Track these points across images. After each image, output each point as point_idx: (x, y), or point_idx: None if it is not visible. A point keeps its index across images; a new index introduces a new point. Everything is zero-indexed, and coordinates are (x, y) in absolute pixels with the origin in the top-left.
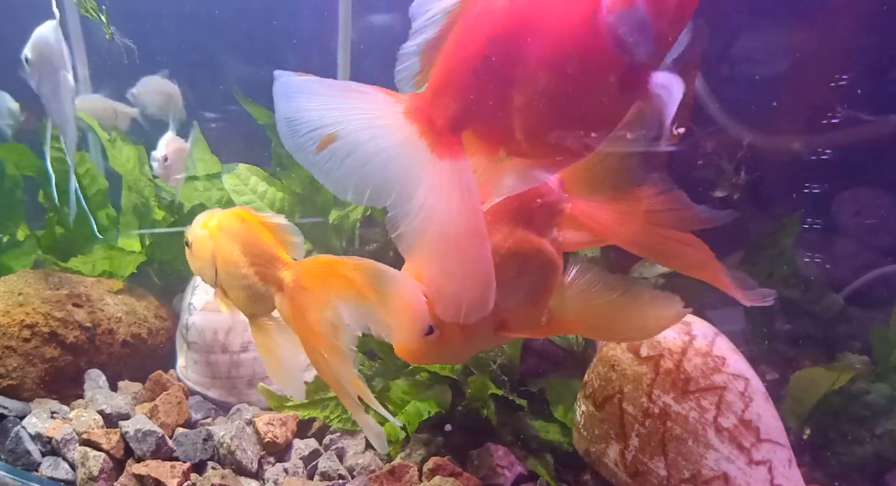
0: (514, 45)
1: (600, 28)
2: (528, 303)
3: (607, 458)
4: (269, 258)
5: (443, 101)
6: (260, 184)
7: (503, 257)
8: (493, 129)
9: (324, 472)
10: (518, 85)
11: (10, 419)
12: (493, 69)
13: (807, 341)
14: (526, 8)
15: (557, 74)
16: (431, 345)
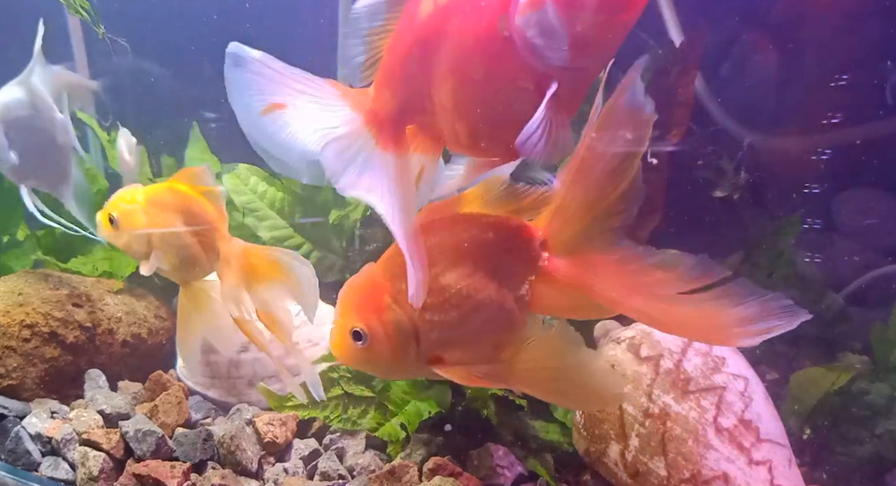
0: (435, 44)
1: (509, 31)
2: (469, 349)
3: (607, 458)
4: (209, 227)
5: (384, 95)
6: (260, 184)
7: (452, 296)
8: (429, 125)
9: (324, 472)
10: (440, 84)
11: (10, 418)
12: (419, 67)
13: (807, 341)
14: (445, 9)
15: (470, 75)
16: (360, 352)
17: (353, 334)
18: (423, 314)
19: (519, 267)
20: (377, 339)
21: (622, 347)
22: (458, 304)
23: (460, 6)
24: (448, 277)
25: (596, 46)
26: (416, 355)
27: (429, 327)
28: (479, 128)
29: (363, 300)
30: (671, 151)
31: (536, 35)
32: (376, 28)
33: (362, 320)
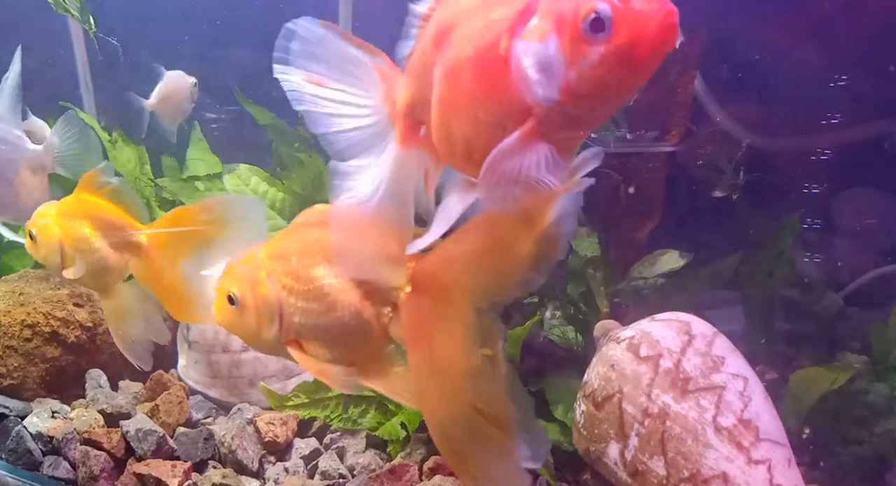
0: (442, 46)
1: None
2: (322, 343)
3: (607, 457)
4: (120, 227)
5: (404, 86)
6: (261, 184)
7: (317, 288)
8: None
9: (324, 471)
10: (435, 86)
11: (12, 418)
12: (429, 66)
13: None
14: (459, 12)
15: (459, 85)
16: (231, 315)
17: (228, 297)
18: (289, 297)
19: (379, 288)
20: (247, 307)
21: (622, 346)
22: (319, 297)
23: (473, 13)
24: (318, 270)
25: (590, 100)
26: (277, 332)
27: (292, 310)
28: (457, 141)
29: (243, 271)
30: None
31: (530, 66)
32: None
33: (237, 287)
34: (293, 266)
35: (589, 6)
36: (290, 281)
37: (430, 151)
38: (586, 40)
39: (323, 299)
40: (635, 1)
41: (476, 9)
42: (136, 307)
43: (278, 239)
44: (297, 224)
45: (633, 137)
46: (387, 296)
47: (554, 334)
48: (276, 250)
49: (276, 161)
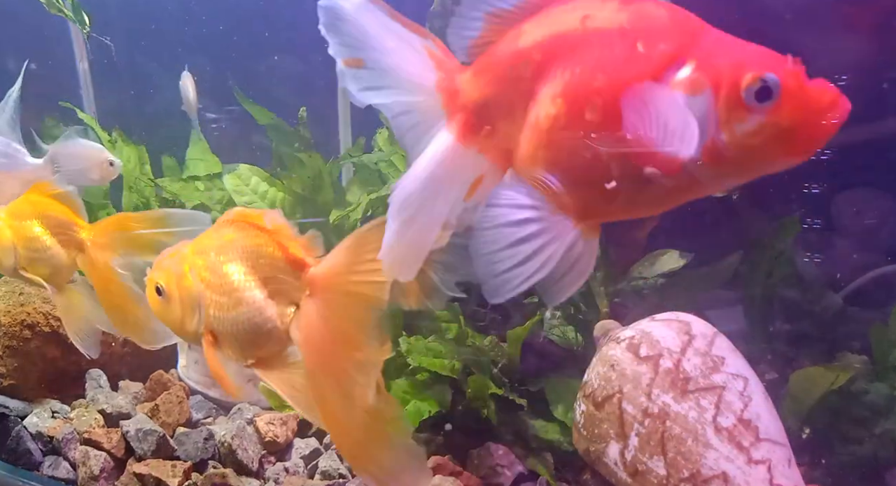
0: (560, 64)
1: (646, 97)
2: (230, 336)
3: (607, 457)
4: (67, 225)
5: (478, 82)
6: (261, 184)
7: (229, 283)
8: (507, 136)
9: (324, 471)
10: (543, 105)
11: (11, 418)
12: (531, 76)
13: (806, 340)
14: (590, 35)
15: (578, 116)
16: (159, 304)
17: (156, 288)
18: (206, 291)
19: (285, 289)
20: (172, 298)
21: (622, 346)
22: (229, 292)
23: (606, 39)
24: (230, 267)
25: (731, 166)
26: (198, 323)
27: (208, 303)
28: (558, 167)
29: (169, 264)
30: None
31: (675, 116)
32: (502, 10)
33: (164, 280)
34: (211, 261)
35: (756, 73)
36: (207, 275)
37: (494, 157)
38: (745, 106)
39: (232, 293)
40: (808, 80)
41: (611, 36)
42: (85, 301)
43: (203, 236)
44: (220, 222)
45: None
46: (290, 296)
47: (554, 334)
48: (199, 246)
49: (276, 161)
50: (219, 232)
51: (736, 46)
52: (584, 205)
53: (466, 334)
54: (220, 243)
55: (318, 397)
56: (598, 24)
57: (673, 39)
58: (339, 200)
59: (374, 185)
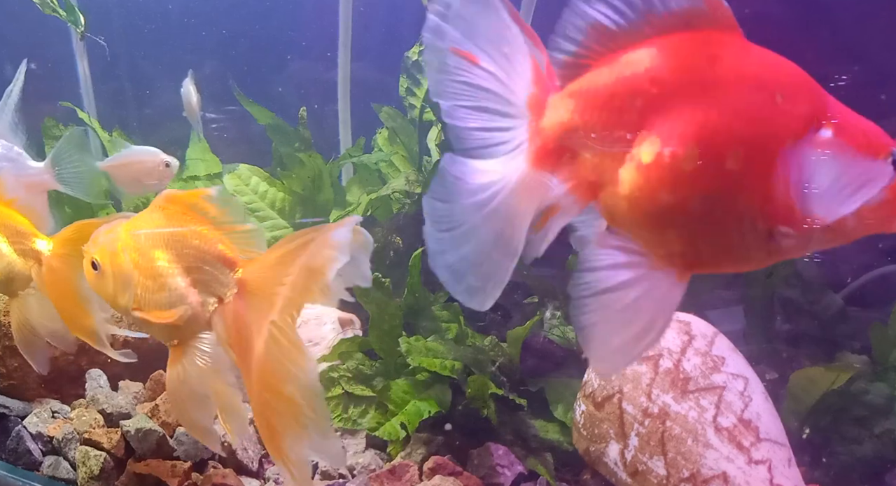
0: (679, 105)
1: (795, 160)
2: (147, 308)
3: (607, 457)
4: (24, 234)
5: (569, 105)
6: (261, 184)
7: (155, 266)
8: (596, 170)
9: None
10: (649, 148)
11: (11, 418)
12: (637, 114)
13: (806, 340)
14: (723, 78)
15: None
16: (94, 278)
17: (92, 263)
18: (136, 270)
19: (209, 280)
20: (106, 273)
21: None
22: (155, 276)
23: (745, 91)
24: (157, 252)
25: (873, 228)
26: (129, 299)
27: (136, 283)
28: (664, 214)
29: (106, 242)
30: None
31: (822, 177)
32: (609, 33)
33: (100, 255)
34: (140, 244)
35: (893, 145)
36: (136, 256)
37: (574, 187)
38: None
39: (157, 278)
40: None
41: (747, 84)
42: (38, 314)
43: (138, 218)
44: (154, 206)
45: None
46: (214, 289)
47: (554, 334)
48: (133, 227)
49: (276, 161)
50: (151, 216)
51: (853, 113)
52: (692, 257)
53: (466, 334)
54: (150, 227)
55: (249, 386)
56: (730, 68)
57: (811, 98)
58: (339, 200)
59: (374, 185)
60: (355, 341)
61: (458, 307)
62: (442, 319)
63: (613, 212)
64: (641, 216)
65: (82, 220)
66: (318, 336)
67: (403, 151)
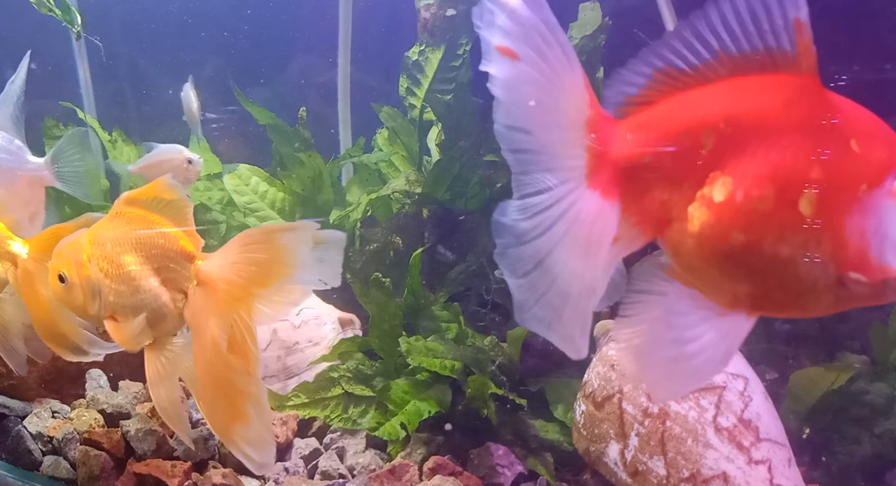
0: (754, 146)
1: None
2: (122, 313)
3: (607, 457)
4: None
5: (636, 141)
6: (261, 184)
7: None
8: (661, 207)
9: (324, 471)
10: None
11: (11, 418)
12: (709, 152)
13: (806, 340)
14: (798, 121)
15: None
16: (62, 291)
17: (59, 276)
18: (105, 279)
19: (175, 277)
20: (74, 285)
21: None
22: (127, 280)
23: (821, 136)
24: (127, 257)
25: None
26: (98, 307)
27: (107, 290)
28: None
29: (71, 254)
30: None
31: None
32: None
33: (66, 268)
34: (108, 252)
35: None
36: (105, 265)
37: (640, 222)
38: None
39: (130, 282)
40: None
41: (823, 129)
42: (13, 317)
43: (99, 226)
44: (114, 213)
45: None
46: (180, 284)
47: None
48: (96, 236)
49: (276, 161)
50: (113, 223)
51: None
52: (758, 299)
53: (466, 334)
54: (116, 234)
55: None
56: (807, 112)
57: (888, 145)
58: (339, 200)
59: (373, 185)
60: (355, 341)
61: (458, 307)
62: (442, 319)
63: (680, 249)
64: (710, 255)
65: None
66: (318, 336)
67: (403, 151)
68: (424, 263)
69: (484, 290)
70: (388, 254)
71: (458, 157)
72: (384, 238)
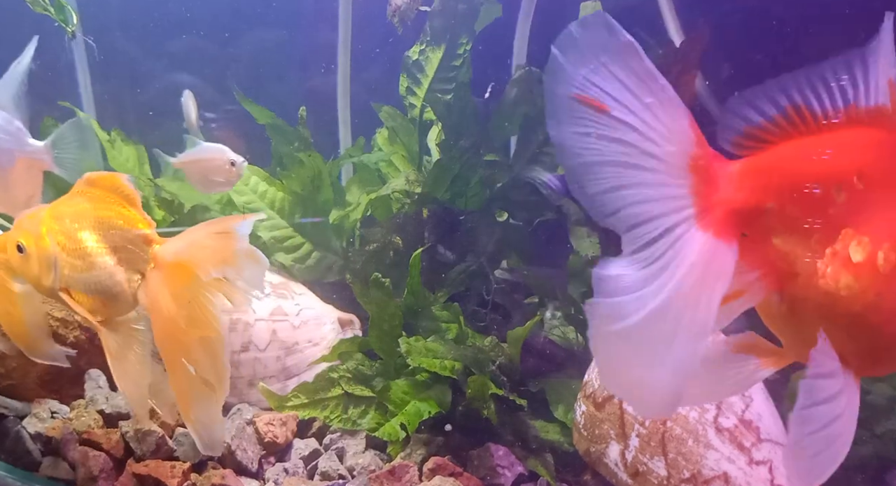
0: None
1: None
2: (84, 295)
3: (607, 458)
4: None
5: (753, 185)
6: (260, 184)
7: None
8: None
9: (324, 472)
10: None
11: (10, 418)
12: (841, 207)
13: None
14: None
15: None
16: (19, 260)
17: (17, 246)
18: (62, 253)
19: (132, 258)
20: (31, 256)
21: None
22: (83, 256)
23: None
24: (84, 234)
25: None
26: (54, 280)
27: (63, 263)
28: (873, 319)
29: (30, 226)
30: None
31: None
32: (806, 112)
33: (24, 238)
34: (66, 227)
35: None
36: (63, 239)
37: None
38: None
39: (86, 258)
40: None
41: None
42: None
43: (61, 201)
44: (76, 191)
45: None
46: (137, 265)
47: (554, 335)
48: (56, 212)
49: (275, 161)
50: (73, 200)
51: None
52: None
53: (466, 335)
54: (75, 211)
55: (162, 354)
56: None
57: None
58: (338, 200)
59: (373, 184)
60: (355, 342)
61: (458, 308)
62: (442, 319)
63: (803, 304)
64: (840, 314)
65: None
66: (318, 336)
67: (403, 150)
68: (424, 263)
69: (484, 290)
70: (388, 254)
71: (458, 157)
72: (384, 238)
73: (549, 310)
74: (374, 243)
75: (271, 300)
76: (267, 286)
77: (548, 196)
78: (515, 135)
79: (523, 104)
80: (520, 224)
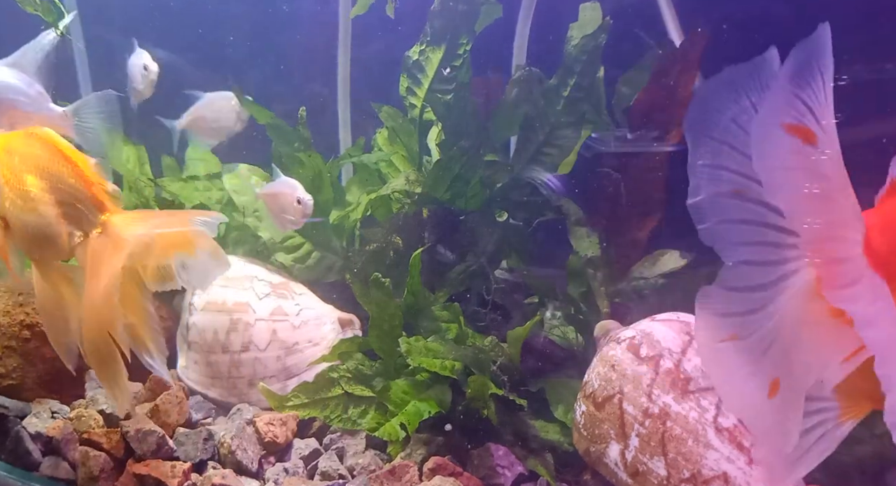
0: None
1: None
2: (22, 231)
3: (607, 458)
4: None
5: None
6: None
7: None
8: None
9: (324, 472)
10: None
11: (11, 418)
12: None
13: None
14: None
15: None
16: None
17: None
18: (5, 187)
19: (77, 216)
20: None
21: (622, 347)
22: (25, 198)
23: None
24: (29, 178)
25: None
26: (5, 237)
27: (4, 196)
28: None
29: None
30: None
31: None
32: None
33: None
34: (14, 164)
35: None
36: (9, 175)
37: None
38: None
39: (27, 201)
40: None
41: None
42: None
43: (15, 136)
44: (34, 134)
45: (633, 136)
46: (81, 224)
47: (554, 335)
48: (9, 145)
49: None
50: (28, 141)
51: None
52: None
53: (466, 335)
54: (29, 151)
55: (85, 313)
56: None
57: None
58: (338, 200)
59: (373, 184)
60: (355, 342)
61: (458, 307)
62: (442, 319)
63: None
64: None
65: None
66: (318, 336)
67: (403, 150)
68: (424, 263)
69: (484, 290)
70: (388, 254)
71: (458, 157)
72: (384, 238)
73: (549, 310)
74: (374, 243)
75: (271, 300)
76: (267, 286)
77: (548, 196)
78: (515, 135)
79: (523, 104)
80: (520, 224)
